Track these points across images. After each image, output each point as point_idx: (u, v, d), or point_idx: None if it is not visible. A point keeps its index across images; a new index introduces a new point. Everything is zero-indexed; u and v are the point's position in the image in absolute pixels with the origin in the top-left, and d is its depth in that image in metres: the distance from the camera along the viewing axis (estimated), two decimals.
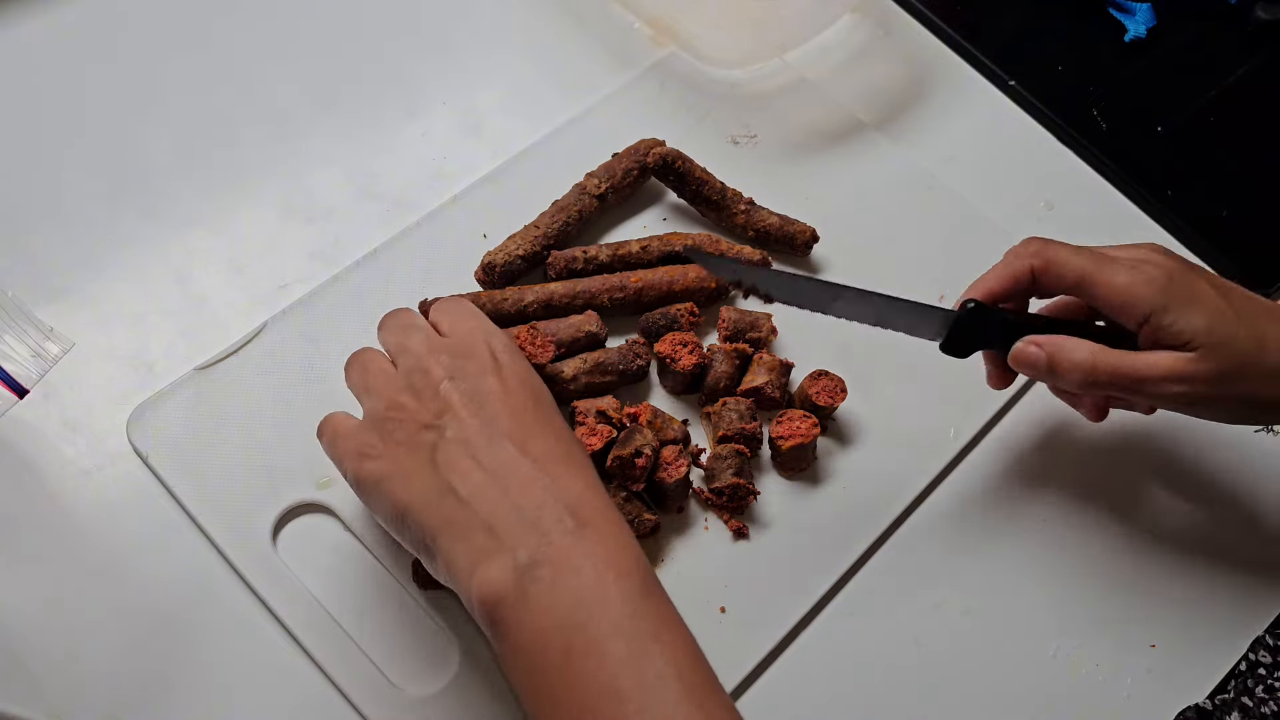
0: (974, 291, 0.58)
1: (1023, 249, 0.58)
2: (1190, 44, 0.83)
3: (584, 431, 0.61)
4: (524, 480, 0.47)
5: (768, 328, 0.66)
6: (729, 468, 0.61)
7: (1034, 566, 0.62)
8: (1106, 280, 0.55)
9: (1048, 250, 0.57)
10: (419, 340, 0.53)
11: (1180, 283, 0.54)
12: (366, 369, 0.53)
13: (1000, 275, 0.58)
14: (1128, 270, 0.55)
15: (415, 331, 0.53)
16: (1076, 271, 0.56)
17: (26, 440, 0.62)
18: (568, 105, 0.76)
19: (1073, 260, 0.56)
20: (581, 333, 0.64)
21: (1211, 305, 0.54)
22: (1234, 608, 0.63)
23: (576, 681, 0.44)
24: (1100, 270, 0.55)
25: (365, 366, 0.54)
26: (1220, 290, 0.55)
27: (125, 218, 0.70)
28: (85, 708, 0.56)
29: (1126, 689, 0.60)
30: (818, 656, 0.60)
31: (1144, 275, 0.54)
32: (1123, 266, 0.55)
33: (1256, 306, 0.55)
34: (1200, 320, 0.53)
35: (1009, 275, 0.58)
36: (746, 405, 0.63)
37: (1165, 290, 0.54)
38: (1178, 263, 0.56)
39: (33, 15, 0.76)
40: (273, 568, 0.59)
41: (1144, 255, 0.56)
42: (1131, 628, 0.62)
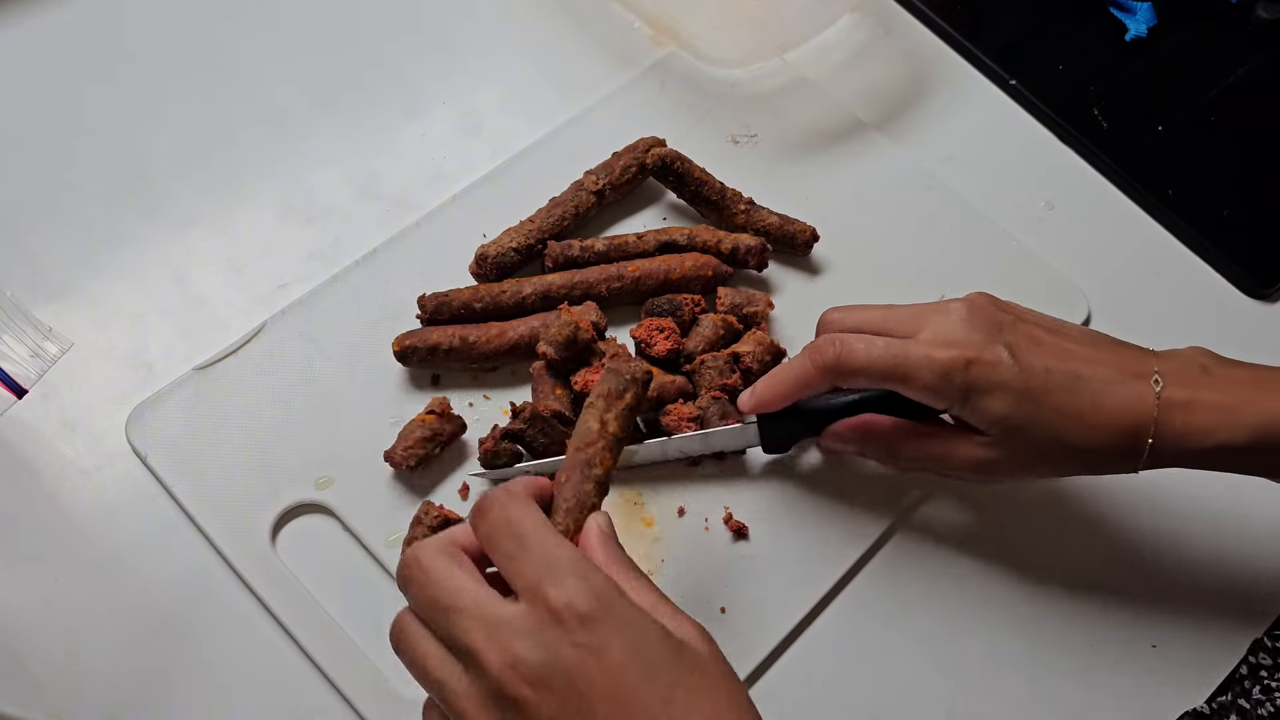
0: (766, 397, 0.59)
1: (817, 354, 0.56)
2: (1190, 44, 0.83)
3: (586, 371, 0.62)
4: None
5: (764, 302, 0.67)
6: (715, 414, 0.62)
7: (1034, 566, 0.62)
8: (905, 379, 0.54)
9: (843, 358, 0.55)
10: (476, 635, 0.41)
11: (978, 369, 0.53)
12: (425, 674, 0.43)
13: (791, 384, 0.58)
14: (925, 368, 0.53)
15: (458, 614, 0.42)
16: (874, 372, 0.55)
17: (25, 440, 0.62)
18: (567, 105, 0.76)
19: (868, 363, 0.55)
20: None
21: (1010, 390, 0.53)
22: (1234, 609, 0.62)
23: None
24: (898, 369, 0.54)
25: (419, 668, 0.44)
26: (1024, 363, 0.53)
27: (124, 218, 0.70)
28: (85, 708, 0.56)
29: (1127, 689, 0.60)
30: (818, 656, 0.60)
31: (940, 369, 0.53)
32: (920, 363, 0.54)
33: (1058, 377, 0.53)
34: (998, 408, 0.53)
35: (800, 383, 0.57)
36: (725, 360, 0.63)
37: (964, 383, 0.53)
38: (981, 333, 0.54)
39: (33, 15, 0.76)
40: (272, 568, 0.59)
41: (944, 333, 0.54)
42: (1131, 628, 0.61)
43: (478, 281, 0.68)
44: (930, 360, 0.53)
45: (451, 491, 0.62)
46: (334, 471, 0.62)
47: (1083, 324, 0.70)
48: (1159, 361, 0.55)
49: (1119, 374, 0.54)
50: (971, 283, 0.70)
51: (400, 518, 0.60)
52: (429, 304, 0.65)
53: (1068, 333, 0.56)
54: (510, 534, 0.43)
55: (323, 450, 0.62)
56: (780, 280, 0.70)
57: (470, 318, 0.65)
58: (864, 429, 0.59)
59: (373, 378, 0.64)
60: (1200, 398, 0.53)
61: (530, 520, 0.44)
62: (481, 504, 0.45)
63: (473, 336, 0.64)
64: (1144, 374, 0.54)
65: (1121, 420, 0.53)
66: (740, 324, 0.66)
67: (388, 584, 0.59)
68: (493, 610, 0.42)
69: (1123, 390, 0.53)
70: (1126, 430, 0.53)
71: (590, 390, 0.61)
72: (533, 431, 0.60)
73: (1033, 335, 0.55)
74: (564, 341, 0.61)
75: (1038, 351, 0.54)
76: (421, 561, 0.44)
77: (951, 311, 0.55)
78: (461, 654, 0.42)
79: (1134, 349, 0.56)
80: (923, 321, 0.56)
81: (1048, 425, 0.53)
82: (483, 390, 0.65)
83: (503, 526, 0.44)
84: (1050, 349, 0.55)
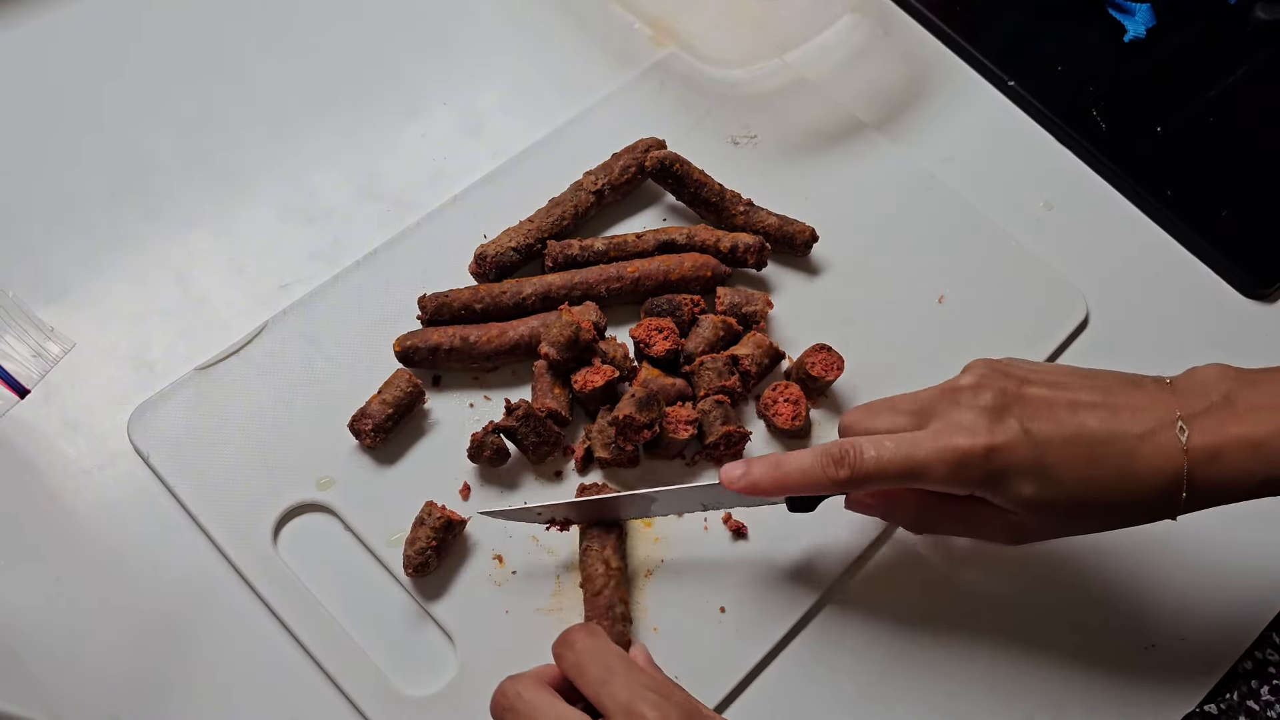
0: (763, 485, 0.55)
1: (831, 465, 0.53)
2: (1190, 44, 0.83)
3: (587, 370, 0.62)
4: None
5: (763, 301, 0.67)
6: (717, 419, 0.62)
7: (1034, 565, 0.62)
8: (922, 478, 0.52)
9: (857, 466, 0.53)
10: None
11: (996, 457, 0.51)
12: None
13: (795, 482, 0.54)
14: (940, 464, 0.51)
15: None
16: (888, 477, 0.53)
17: (27, 440, 0.63)
18: (567, 105, 0.76)
19: (880, 471, 0.52)
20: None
21: (1032, 472, 0.51)
22: (1234, 608, 0.63)
23: None
24: (912, 470, 0.52)
25: None
26: (1038, 440, 0.51)
27: (126, 218, 0.70)
28: (86, 707, 0.56)
29: (1127, 689, 0.60)
30: (817, 656, 0.60)
31: (956, 462, 0.51)
32: (934, 459, 0.52)
33: (1076, 453, 0.51)
34: (1023, 491, 0.51)
35: (807, 484, 0.54)
36: (724, 361, 0.63)
37: (984, 470, 0.51)
38: (989, 413, 0.52)
39: (33, 16, 0.76)
40: (273, 567, 0.59)
41: (956, 420, 0.52)
42: (1131, 628, 0.62)
43: (477, 281, 0.68)
44: (944, 454, 0.51)
45: (453, 492, 0.62)
46: (335, 471, 0.62)
47: (1081, 324, 0.70)
48: (1178, 399, 0.52)
49: (1140, 428, 0.51)
50: (971, 282, 0.71)
51: (402, 518, 0.60)
52: (429, 304, 0.65)
53: (1074, 386, 0.53)
54: (598, 663, 0.48)
55: (324, 450, 0.62)
56: (780, 280, 0.70)
57: (471, 318, 0.66)
58: (890, 499, 0.57)
59: (374, 378, 0.64)
60: (1229, 438, 0.51)
61: (614, 651, 0.49)
62: (567, 638, 0.50)
63: (473, 337, 0.64)
64: (1167, 423, 0.51)
65: (1151, 481, 0.51)
66: (739, 324, 0.66)
67: (389, 584, 0.59)
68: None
69: (1147, 449, 0.51)
70: (1158, 490, 0.51)
71: (589, 390, 0.61)
72: (525, 429, 0.61)
73: (1042, 401, 0.53)
74: (565, 342, 0.61)
75: (1052, 420, 0.52)
76: (523, 695, 0.48)
77: (957, 394, 0.53)
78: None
79: (1147, 388, 0.53)
80: (928, 411, 0.54)
81: (1076, 496, 0.52)
82: (483, 390, 0.65)
83: (589, 657, 0.49)
84: (1063, 412, 0.52)
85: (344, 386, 0.64)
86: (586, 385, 0.62)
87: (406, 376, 0.62)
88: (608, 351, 0.64)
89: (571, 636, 0.50)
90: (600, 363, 0.63)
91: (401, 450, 0.63)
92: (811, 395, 0.66)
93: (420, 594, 0.59)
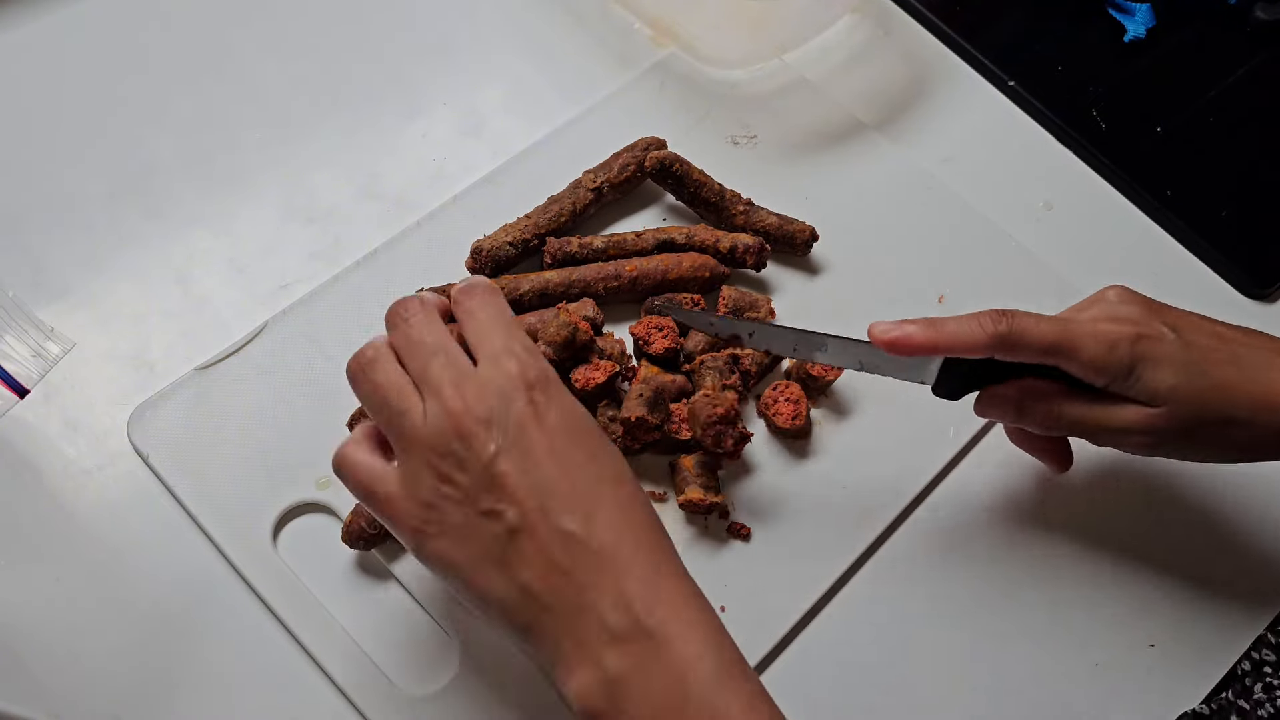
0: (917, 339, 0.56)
1: (989, 320, 0.55)
2: (1190, 44, 0.83)
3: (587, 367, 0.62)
4: (596, 575, 0.46)
5: (766, 308, 0.67)
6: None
7: (1034, 566, 0.62)
8: (1072, 352, 0.55)
9: (1015, 323, 0.55)
10: (447, 376, 0.48)
11: (1145, 343, 0.54)
12: (379, 394, 0.49)
13: (949, 339, 0.56)
14: (1092, 340, 0.55)
15: (438, 355, 0.49)
16: (1041, 345, 0.55)
17: (27, 440, 0.63)
18: (568, 105, 0.76)
19: (1037, 336, 0.55)
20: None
21: (1177, 362, 0.54)
22: (1234, 608, 0.63)
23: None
24: (1065, 341, 0.55)
25: (376, 390, 0.49)
26: (1186, 339, 0.55)
27: (126, 218, 0.70)
28: (86, 707, 0.56)
29: (1127, 689, 0.60)
30: (818, 656, 0.60)
31: (1108, 341, 0.54)
32: (1087, 335, 0.55)
33: (1221, 353, 0.55)
34: (1166, 379, 0.54)
35: (961, 342, 0.56)
36: (724, 360, 0.63)
37: (1131, 354, 0.54)
38: (1141, 311, 0.56)
39: (34, 16, 0.77)
40: (273, 567, 0.59)
41: (1108, 312, 0.56)
42: (1131, 628, 0.62)
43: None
44: (1097, 334, 0.55)
45: None
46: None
47: None
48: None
49: (1277, 355, 0.55)
50: (971, 283, 0.71)
51: None
52: None
53: (1219, 322, 0.57)
54: (486, 312, 0.51)
55: (324, 450, 0.62)
56: (780, 280, 0.70)
57: None
58: (1027, 391, 0.58)
59: None
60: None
61: (504, 309, 0.52)
62: (469, 286, 0.52)
63: None
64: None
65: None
66: None
67: (389, 583, 0.59)
68: (464, 363, 0.49)
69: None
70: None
71: (590, 388, 0.61)
72: None
73: (1189, 316, 0.57)
74: (562, 342, 0.61)
75: (1198, 331, 0.56)
76: (417, 309, 0.51)
77: (1110, 296, 0.57)
78: (428, 389, 0.48)
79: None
80: (1083, 307, 0.57)
81: (1214, 399, 0.54)
82: None
83: (481, 305, 0.51)
84: (1208, 331, 0.56)
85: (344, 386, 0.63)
86: (588, 383, 0.62)
87: None
88: (606, 348, 0.64)
89: (475, 286, 0.52)
90: (599, 359, 0.63)
91: None
92: (812, 395, 0.66)
93: (420, 594, 0.59)
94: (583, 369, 0.62)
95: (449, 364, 0.48)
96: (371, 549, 0.59)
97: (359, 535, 0.58)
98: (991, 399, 0.59)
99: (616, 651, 0.46)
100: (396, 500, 0.48)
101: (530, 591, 0.46)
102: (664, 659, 0.46)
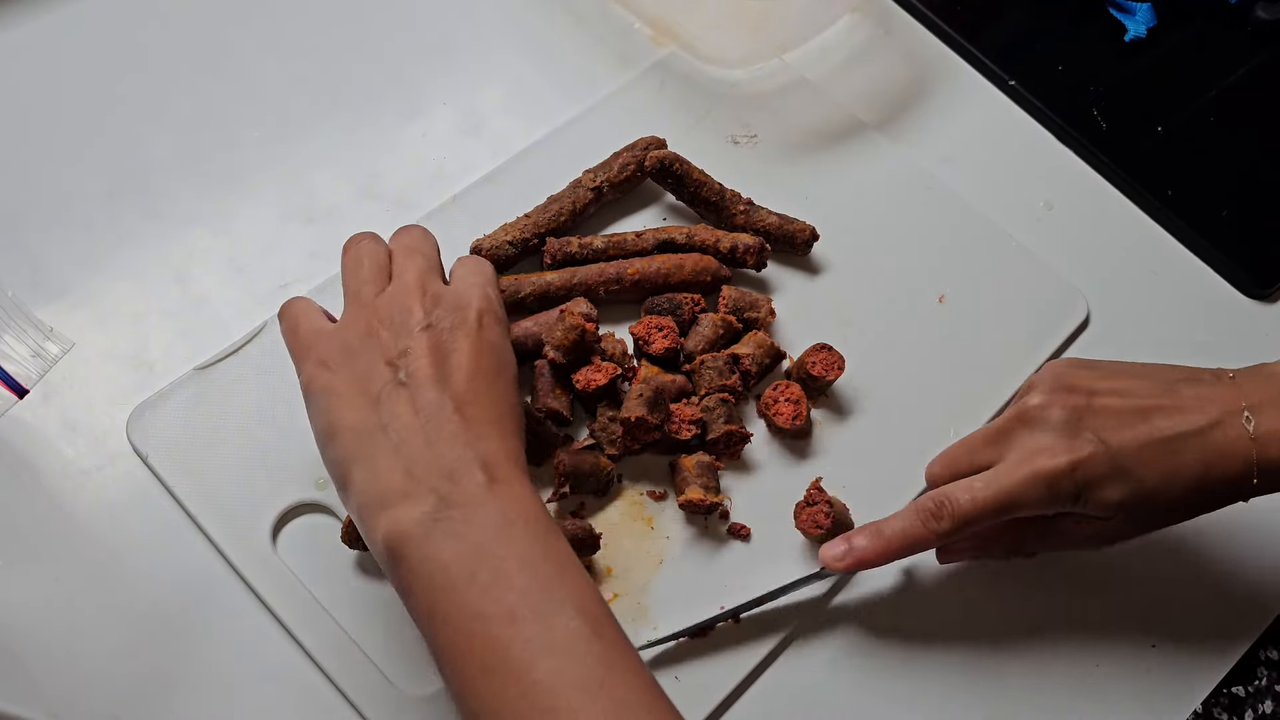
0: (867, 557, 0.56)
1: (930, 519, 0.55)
2: (1190, 44, 0.83)
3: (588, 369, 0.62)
4: (450, 434, 0.50)
5: (766, 309, 0.67)
6: (719, 416, 0.62)
7: (1034, 565, 0.62)
8: (1017, 507, 0.54)
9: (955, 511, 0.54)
10: (419, 269, 0.55)
11: (1082, 470, 0.53)
12: (360, 264, 0.56)
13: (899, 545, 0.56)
14: (1031, 488, 0.53)
15: (422, 259, 0.56)
16: (985, 515, 0.54)
17: (26, 440, 0.62)
18: (568, 105, 0.76)
19: (978, 511, 0.54)
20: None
21: (1117, 477, 0.53)
22: (1234, 608, 0.63)
23: (476, 602, 0.46)
24: (1006, 501, 0.54)
25: (360, 261, 0.57)
26: (1114, 447, 0.53)
27: (125, 217, 0.70)
28: (85, 708, 0.56)
29: (1127, 689, 0.60)
30: (819, 655, 0.60)
31: (1045, 482, 0.53)
32: (1025, 484, 0.53)
33: (1152, 449, 0.54)
34: (1112, 496, 0.54)
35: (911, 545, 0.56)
36: (724, 360, 0.63)
37: (1073, 485, 0.53)
38: (1068, 429, 0.54)
39: (33, 16, 0.76)
40: (273, 568, 0.59)
41: (1035, 444, 0.54)
42: (1131, 628, 0.62)
43: None
44: (1035, 478, 0.53)
45: None
46: None
47: (1082, 324, 0.70)
48: (1241, 391, 0.55)
49: (1207, 420, 0.54)
50: (971, 283, 0.71)
51: None
52: None
53: (1140, 392, 0.55)
54: (471, 263, 0.58)
55: None
56: (780, 280, 0.70)
57: None
58: (983, 538, 0.58)
59: None
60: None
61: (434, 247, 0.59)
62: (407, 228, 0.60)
63: None
64: (1233, 411, 0.54)
65: (1224, 469, 0.53)
66: (740, 325, 0.66)
67: (389, 583, 0.59)
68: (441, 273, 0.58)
69: (1218, 438, 0.53)
70: (1232, 476, 0.54)
71: (593, 389, 0.61)
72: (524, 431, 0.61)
73: (1111, 411, 0.55)
74: (571, 344, 0.61)
75: (1124, 427, 0.54)
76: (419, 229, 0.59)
77: (1030, 419, 0.55)
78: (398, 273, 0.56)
79: (1207, 381, 0.56)
80: (1005, 440, 0.55)
81: (1159, 492, 0.54)
82: None
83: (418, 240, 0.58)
84: (1134, 418, 0.54)
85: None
86: (590, 385, 0.62)
87: None
88: (607, 349, 0.64)
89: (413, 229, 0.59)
90: (600, 360, 0.63)
91: None
92: (812, 395, 0.66)
93: None
94: (584, 370, 0.62)
95: (427, 269, 0.56)
96: None
97: (359, 535, 0.58)
98: (949, 553, 0.59)
99: (448, 486, 0.48)
100: (319, 335, 0.54)
101: (384, 428, 0.50)
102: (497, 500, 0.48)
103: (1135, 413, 0.54)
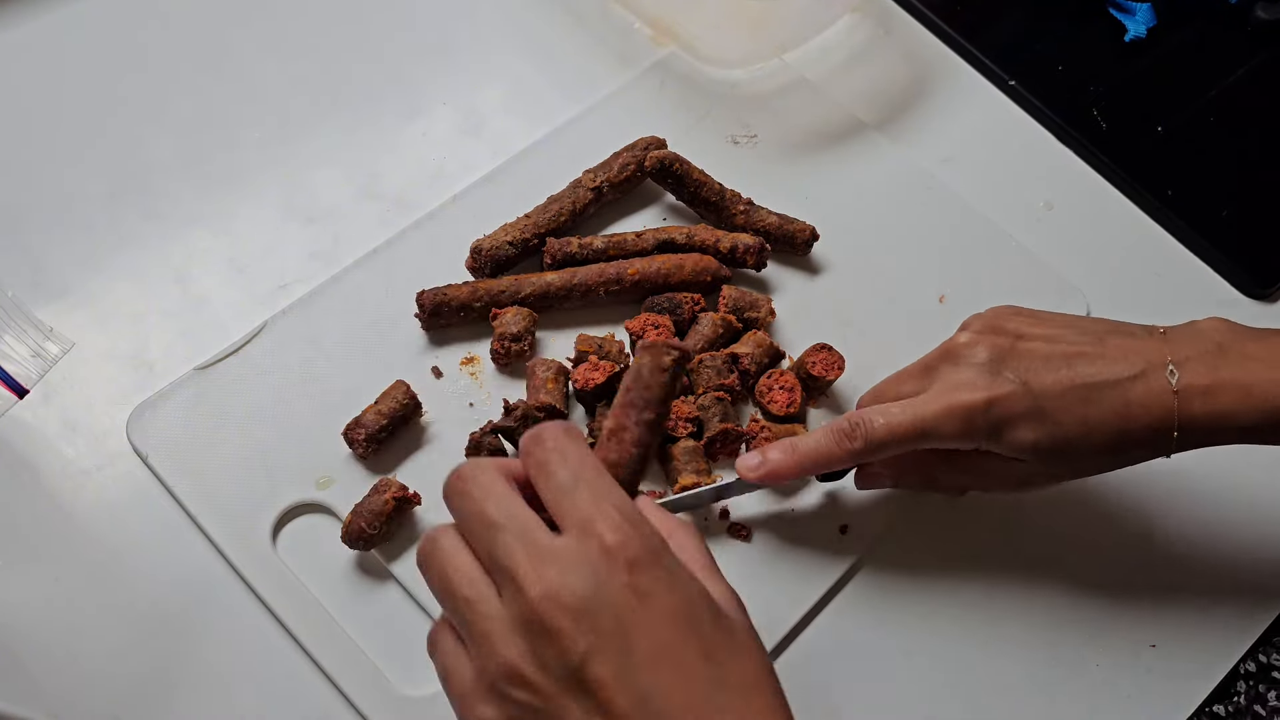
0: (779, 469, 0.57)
1: (844, 438, 0.55)
2: (1190, 44, 0.83)
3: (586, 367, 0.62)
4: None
5: (766, 309, 0.67)
6: (715, 415, 0.62)
7: (1035, 564, 0.62)
8: (931, 436, 0.54)
9: (869, 433, 0.55)
10: (520, 555, 0.39)
11: (998, 407, 0.53)
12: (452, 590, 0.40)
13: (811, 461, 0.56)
14: (947, 419, 0.54)
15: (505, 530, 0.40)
16: (898, 440, 0.55)
17: (26, 440, 0.62)
18: (568, 105, 0.76)
19: (892, 435, 0.55)
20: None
21: (1032, 418, 0.53)
22: (1234, 608, 0.62)
23: None
24: (921, 428, 0.54)
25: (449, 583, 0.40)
26: (1035, 388, 0.53)
27: (126, 218, 0.70)
28: (85, 707, 0.56)
29: (1126, 689, 0.60)
30: (819, 655, 0.60)
31: (962, 415, 0.54)
32: (941, 415, 0.54)
33: (1072, 394, 0.53)
34: (1026, 436, 0.54)
35: (822, 461, 0.56)
36: (723, 359, 0.63)
37: (987, 421, 0.54)
38: (989, 368, 0.54)
39: (33, 16, 0.76)
40: (273, 568, 0.59)
41: (956, 378, 0.55)
42: (1131, 628, 0.62)
43: (473, 275, 0.68)
44: (951, 410, 0.54)
45: None
46: (334, 471, 0.62)
47: None
48: (1170, 346, 0.54)
49: (1132, 370, 0.54)
50: (971, 282, 0.71)
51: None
52: (427, 302, 0.65)
53: (1068, 338, 0.55)
54: (566, 466, 0.41)
55: (323, 450, 0.62)
56: (780, 280, 0.70)
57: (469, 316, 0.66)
58: (899, 465, 0.59)
59: (373, 378, 0.64)
60: (1219, 380, 0.53)
61: (589, 459, 0.42)
62: (537, 433, 0.42)
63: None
64: (1157, 365, 0.53)
65: (1143, 421, 0.53)
66: (740, 324, 0.66)
67: (389, 583, 0.59)
68: (542, 537, 0.39)
69: (1139, 390, 0.53)
70: (1150, 428, 0.53)
71: (590, 388, 0.61)
72: (523, 430, 0.61)
73: (1037, 354, 0.55)
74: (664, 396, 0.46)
75: (1046, 370, 0.54)
76: (478, 477, 0.41)
77: (955, 355, 0.56)
78: (500, 574, 0.39)
79: (1138, 335, 0.56)
80: (930, 374, 0.56)
81: (1076, 438, 0.54)
82: (484, 389, 0.65)
83: (559, 458, 0.41)
84: (1058, 362, 0.54)
85: (343, 386, 0.64)
86: (589, 383, 0.62)
87: (404, 389, 0.62)
88: (606, 348, 0.64)
89: (545, 433, 0.42)
90: (598, 359, 0.63)
91: (400, 450, 0.63)
92: (812, 395, 0.66)
93: (420, 594, 0.59)
94: (582, 369, 0.62)
95: (521, 541, 0.39)
96: (371, 549, 0.59)
97: (359, 535, 0.58)
98: (867, 477, 0.60)
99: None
100: (469, 699, 0.40)
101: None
102: None
103: (1060, 357, 0.54)
